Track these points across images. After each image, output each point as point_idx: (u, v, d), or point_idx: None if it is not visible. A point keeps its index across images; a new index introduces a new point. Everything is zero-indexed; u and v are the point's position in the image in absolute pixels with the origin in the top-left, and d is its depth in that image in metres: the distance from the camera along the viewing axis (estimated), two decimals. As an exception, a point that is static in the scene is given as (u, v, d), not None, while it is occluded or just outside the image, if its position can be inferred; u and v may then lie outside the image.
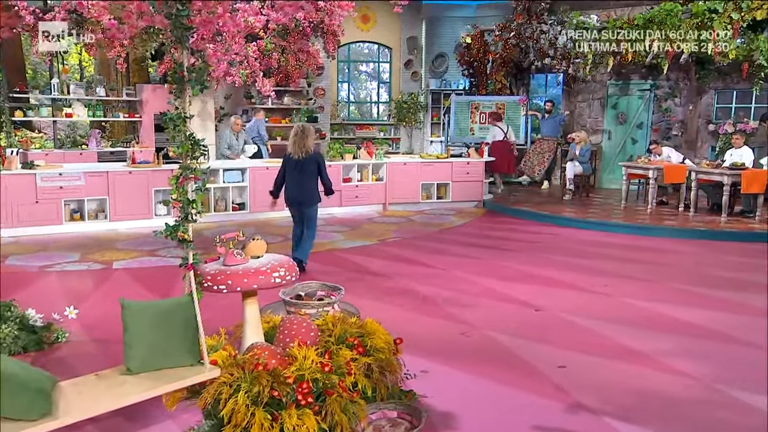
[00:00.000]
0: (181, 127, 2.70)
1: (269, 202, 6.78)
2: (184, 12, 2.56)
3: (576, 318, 5.15)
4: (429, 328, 4.93)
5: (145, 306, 2.78)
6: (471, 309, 5.39)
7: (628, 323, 5.05)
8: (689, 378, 4.04)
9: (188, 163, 2.73)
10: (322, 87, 14.94)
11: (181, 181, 2.73)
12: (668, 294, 5.90)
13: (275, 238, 8.16)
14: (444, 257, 7.36)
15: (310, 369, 3.05)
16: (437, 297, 5.70)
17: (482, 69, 13.57)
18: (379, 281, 6.24)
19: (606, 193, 12.13)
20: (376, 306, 5.37)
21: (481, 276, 6.45)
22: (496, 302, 5.59)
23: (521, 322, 5.08)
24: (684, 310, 5.38)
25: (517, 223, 9.65)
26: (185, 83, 2.69)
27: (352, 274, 6.48)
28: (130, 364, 2.65)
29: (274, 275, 3.30)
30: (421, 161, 10.88)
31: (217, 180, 9.20)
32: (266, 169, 9.55)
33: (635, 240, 8.42)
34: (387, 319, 4.95)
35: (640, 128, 12.53)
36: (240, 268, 3.27)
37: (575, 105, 13.31)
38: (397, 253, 7.57)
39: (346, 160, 10.29)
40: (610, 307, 5.51)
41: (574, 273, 6.59)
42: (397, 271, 6.69)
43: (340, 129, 15.50)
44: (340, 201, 10.18)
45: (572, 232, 8.90)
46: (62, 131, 11.27)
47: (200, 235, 8.25)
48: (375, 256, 7.35)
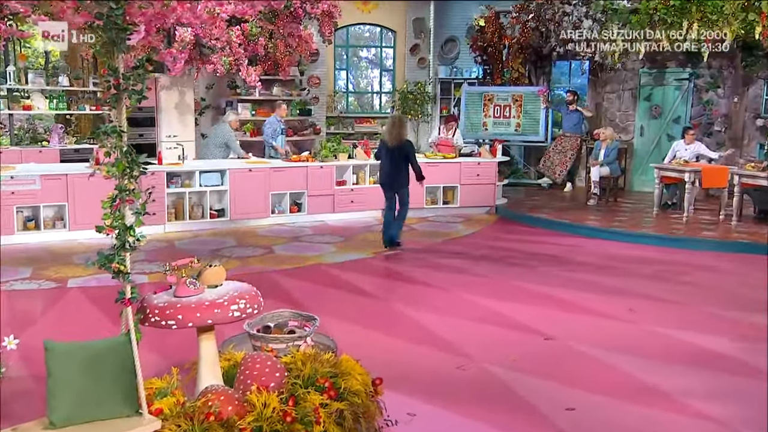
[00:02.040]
0: (117, 142, 2.64)
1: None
2: (119, 11, 2.51)
3: (591, 349, 5.07)
4: (421, 359, 4.87)
5: (73, 348, 2.73)
6: (471, 337, 5.32)
7: (652, 356, 4.96)
8: (715, 423, 3.95)
9: (125, 183, 2.67)
10: (317, 75, 14.91)
11: (116, 205, 2.67)
12: (702, 321, 5.81)
13: (256, 251, 8.12)
14: (446, 274, 7.29)
15: (269, 419, 2.99)
16: (434, 322, 5.63)
17: (497, 55, 13.49)
18: (368, 303, 6.19)
19: (638, 197, 12.02)
20: (362, 333, 5.32)
21: (487, 297, 6.38)
22: (500, 329, 5.52)
23: (527, 353, 5.00)
24: (718, 341, 5.29)
25: (532, 233, 9.58)
26: (121, 91, 2.63)
27: (338, 294, 6.43)
28: (54, 416, 2.60)
29: (232, 308, 3.25)
30: (425, 161, 10.78)
31: (193, 183, 9.17)
32: (249, 171, 9.53)
33: (668, 254, 8.32)
34: (373, 350, 4.94)
35: (677, 123, 12.41)
36: (193, 300, 3.23)
37: (603, 97, 13.20)
38: (393, 268, 7.52)
39: (340, 161, 10.26)
40: (632, 336, 5.42)
41: (593, 294, 6.50)
42: (391, 290, 6.63)
43: (338, 123, 15.46)
44: (333, 207, 10.14)
45: (596, 244, 8.81)
46: (21, 126, 11.25)
47: (172, 247, 8.25)
48: (367, 273, 7.30)
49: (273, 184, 9.67)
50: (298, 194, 10.00)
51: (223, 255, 7.86)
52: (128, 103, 2.64)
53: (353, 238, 9.06)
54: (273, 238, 8.86)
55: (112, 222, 2.69)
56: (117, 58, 2.62)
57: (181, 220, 9.11)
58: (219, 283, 3.42)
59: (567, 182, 12.87)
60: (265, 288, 6.55)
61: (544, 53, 12.81)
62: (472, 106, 13.45)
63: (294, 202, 10.00)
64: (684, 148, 10.52)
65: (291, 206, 9.93)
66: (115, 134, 2.63)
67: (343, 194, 10.21)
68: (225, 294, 3.31)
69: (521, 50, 13.13)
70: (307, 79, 14.71)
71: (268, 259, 7.78)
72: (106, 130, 2.62)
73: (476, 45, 13.73)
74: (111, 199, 2.70)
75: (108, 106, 2.63)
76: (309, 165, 9.95)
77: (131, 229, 2.73)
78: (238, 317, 3.25)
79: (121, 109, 2.66)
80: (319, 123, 14.83)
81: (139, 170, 2.70)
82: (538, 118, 12.98)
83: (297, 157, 10.22)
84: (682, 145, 10.58)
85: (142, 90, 2.67)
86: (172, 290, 3.30)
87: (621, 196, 11.85)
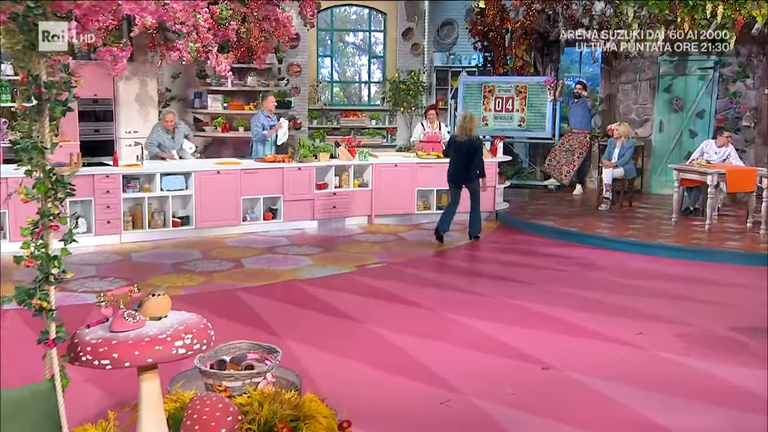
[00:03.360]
0: (39, 160, 2.58)
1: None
2: (38, 11, 2.45)
3: (594, 381, 5.03)
4: (400, 394, 4.82)
5: (-13, 397, 2.67)
6: (460, 366, 5.27)
7: (664, 389, 4.92)
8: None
9: (48, 207, 2.61)
10: (298, 63, 14.87)
11: (38, 231, 2.61)
12: (723, 347, 5.76)
13: (223, 264, 8.07)
14: (436, 291, 7.26)
15: (215, 473, 2.93)
16: (417, 348, 5.58)
17: (499, 41, 13.47)
18: (345, 326, 6.14)
19: (656, 201, 12.00)
20: (335, 363, 5.28)
21: (480, 318, 6.35)
22: (493, 356, 5.49)
23: (522, 385, 4.96)
24: (742, 373, 5.22)
25: (536, 243, 9.56)
26: (43, 102, 2.57)
27: (311, 316, 6.39)
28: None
29: (176, 345, 3.19)
30: (416, 161, 10.79)
31: (153, 187, 9.11)
32: (217, 174, 9.48)
33: (687, 268, 8.30)
34: (345, 382, 4.90)
35: (700, 117, 12.40)
36: (131, 335, 3.17)
37: (617, 88, 13.18)
38: (376, 285, 7.48)
39: (321, 161, 10.21)
40: (642, 364, 5.39)
41: (600, 315, 6.47)
42: (372, 311, 6.58)
43: (321, 116, 15.43)
44: (312, 213, 10.10)
45: (606, 257, 8.79)
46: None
47: (128, 260, 8.19)
48: (347, 290, 7.26)
49: (244, 187, 9.62)
50: (273, 199, 9.95)
51: (186, 269, 7.81)
52: (54, 114, 2.57)
53: (333, 249, 9.02)
54: (243, 250, 8.81)
55: (32, 251, 2.63)
56: (37, 64, 2.56)
57: (139, 229, 9.04)
58: (163, 315, 3.36)
59: (576, 184, 12.85)
60: (229, 308, 6.62)
61: (551, 39, 12.78)
62: (471, 98, 13.41)
63: (268, 208, 9.95)
64: (715, 150, 10.46)
65: (265, 213, 9.87)
66: (37, 151, 2.56)
67: (323, 199, 10.17)
68: (169, 328, 3.25)
69: (526, 35, 13.10)
70: (286, 68, 14.66)
71: (236, 274, 7.73)
72: (26, 146, 2.55)
73: (476, 29, 13.70)
74: (32, 225, 2.63)
75: (28, 118, 2.55)
76: (285, 166, 9.90)
77: (56, 259, 2.67)
78: (182, 355, 3.19)
79: (43, 122, 2.60)
80: (300, 117, 14.78)
81: (64, 192, 2.63)
82: (544, 112, 12.93)
83: (272, 158, 10.17)
84: (713, 146, 10.53)
85: (67, 101, 2.60)
86: (108, 324, 3.24)
87: (637, 200, 11.82)
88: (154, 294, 3.38)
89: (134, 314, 3.25)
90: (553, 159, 12.82)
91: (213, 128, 13.59)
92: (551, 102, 12.82)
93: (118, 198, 8.77)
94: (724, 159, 10.37)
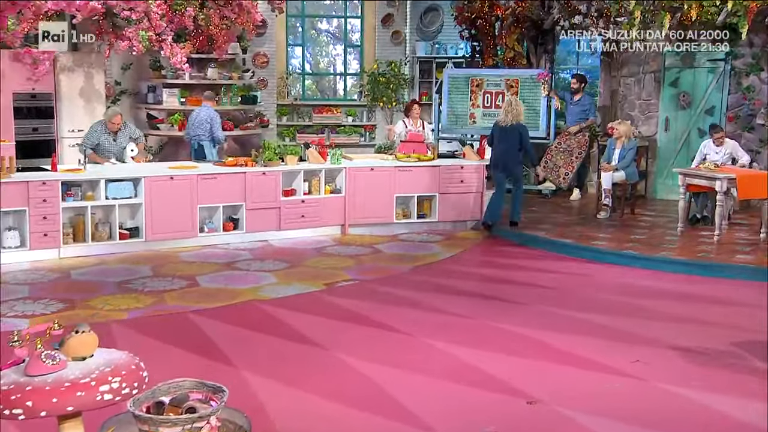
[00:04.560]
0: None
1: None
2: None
3: (584, 417, 4.99)
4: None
5: None
6: (435, 400, 5.23)
7: (659, 425, 4.90)
8: None
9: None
10: (265, 53, 14.84)
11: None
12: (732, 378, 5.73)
13: (175, 283, 8.00)
14: (412, 312, 7.23)
15: None
16: (389, 379, 5.54)
17: (488, 29, 13.50)
18: (310, 354, 6.09)
19: (661, 207, 12.03)
20: (295, 396, 5.23)
21: (461, 345, 6.31)
22: (473, 389, 5.45)
23: (505, 422, 4.93)
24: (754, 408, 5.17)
25: (527, 257, 9.55)
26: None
27: (271, 343, 6.34)
28: None
29: (101, 390, 3.14)
30: (395, 165, 10.75)
31: (97, 195, 9.01)
32: (170, 180, 9.39)
33: (693, 284, 8.30)
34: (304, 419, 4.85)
35: (710, 114, 12.44)
36: (49, 380, 3.10)
37: (619, 81, 13.22)
38: (346, 306, 7.43)
39: (288, 164, 10.15)
40: (637, 397, 5.36)
41: (594, 339, 6.46)
42: (340, 336, 6.54)
43: (291, 112, 15.42)
44: (279, 223, 10.04)
45: (604, 272, 8.79)
46: None
47: (67, 278, 8.09)
48: (314, 312, 7.21)
49: (201, 195, 9.53)
50: (234, 208, 9.88)
51: (132, 288, 7.73)
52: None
53: (301, 264, 8.97)
54: (199, 266, 8.74)
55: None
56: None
57: (81, 242, 8.93)
58: (88, 355, 3.30)
59: (574, 188, 12.86)
60: (179, 334, 6.55)
61: (545, 27, 12.79)
62: (456, 93, 13.41)
63: (229, 218, 9.87)
64: (714, 150, 10.52)
65: (225, 223, 9.80)
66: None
67: (291, 207, 10.11)
68: (94, 370, 3.19)
69: (517, 23, 13.13)
70: (251, 58, 14.63)
71: (190, 293, 7.66)
72: None
73: (462, 16, 13.72)
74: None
75: None
76: (248, 170, 9.84)
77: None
78: (108, 401, 3.13)
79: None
80: (267, 113, 14.74)
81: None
82: (538, 109, 12.93)
83: (233, 161, 10.09)
84: (712, 146, 10.59)
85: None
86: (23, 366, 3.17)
87: (640, 207, 11.84)
88: (77, 331, 3.32)
89: (54, 355, 3.19)
90: (549, 161, 12.82)
91: (169, 126, 13.52)
92: (545, 98, 12.83)
93: (56, 207, 8.64)
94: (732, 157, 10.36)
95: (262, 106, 14.65)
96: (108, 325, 6.49)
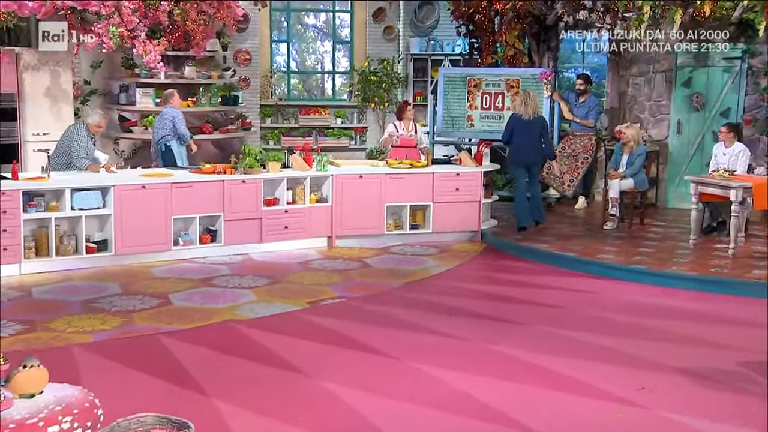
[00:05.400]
0: None
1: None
2: None
3: (583, 451, 4.98)
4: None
5: None
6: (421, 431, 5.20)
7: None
8: None
9: None
10: (247, 50, 14.87)
11: None
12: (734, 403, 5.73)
13: (146, 301, 7.99)
14: (403, 334, 7.20)
15: None
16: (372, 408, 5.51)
17: (487, 25, 13.51)
18: (289, 381, 6.06)
19: (673, 217, 12.06)
20: (268, 428, 5.20)
21: (453, 369, 6.29)
22: (465, 419, 5.42)
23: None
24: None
25: (527, 271, 9.56)
26: None
27: (247, 368, 6.30)
28: None
29: (50, 430, 3.11)
30: (386, 172, 10.76)
31: (62, 206, 8.99)
32: (142, 189, 9.38)
33: (705, 302, 8.31)
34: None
35: (725, 117, 12.46)
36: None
37: (627, 81, 13.25)
38: (331, 326, 7.41)
39: (271, 172, 10.15)
40: (641, 427, 5.34)
41: (596, 363, 6.44)
42: (323, 360, 6.51)
43: (276, 113, 15.44)
44: (260, 235, 10.05)
45: (610, 288, 8.80)
46: None
47: (28, 297, 8.06)
48: (295, 334, 7.19)
49: (176, 205, 9.53)
50: (212, 218, 9.89)
51: (99, 308, 7.70)
52: None
53: (283, 280, 8.96)
54: (173, 282, 8.72)
55: None
56: None
57: (44, 256, 8.91)
58: (37, 392, 3.28)
59: (580, 196, 12.87)
60: (148, 359, 6.54)
61: (548, 23, 12.81)
62: (453, 93, 13.42)
63: (206, 230, 9.88)
64: (723, 151, 10.55)
65: (201, 235, 9.80)
66: None
67: (273, 218, 10.12)
68: (43, 409, 3.17)
69: (518, 19, 13.14)
70: (232, 55, 14.65)
71: (161, 313, 7.64)
72: None
73: (459, 11, 13.74)
74: None
75: None
76: (227, 178, 9.84)
77: None
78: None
79: None
80: (249, 114, 14.75)
81: None
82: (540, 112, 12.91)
83: (210, 168, 10.08)
84: (721, 148, 10.62)
85: None
86: (-34, 403, 3.15)
87: (650, 216, 11.88)
88: (25, 365, 3.30)
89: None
90: (554, 167, 12.81)
91: (142, 129, 13.50)
92: (548, 99, 12.84)
93: (17, 219, 8.61)
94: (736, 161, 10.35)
95: (244, 107, 14.66)
96: (70, 350, 6.48)
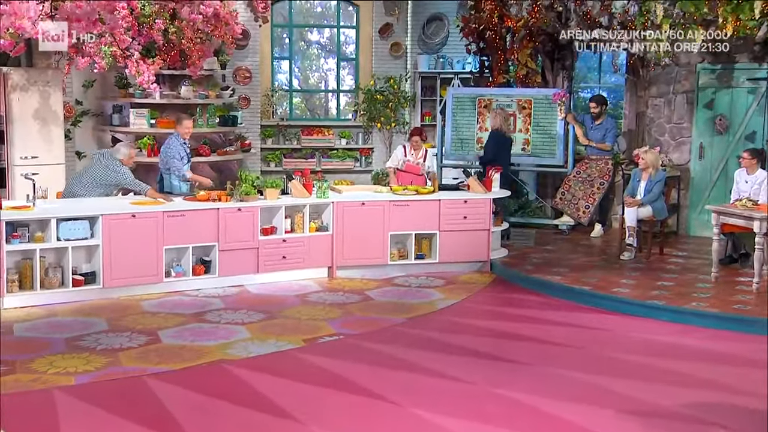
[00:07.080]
0: None
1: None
2: None
3: None
4: None
5: None
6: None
7: None
8: None
9: None
10: (247, 67, 14.90)
11: None
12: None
13: (133, 339, 7.97)
14: (404, 376, 7.15)
15: None
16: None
17: (498, 43, 13.52)
18: (279, 429, 6.02)
19: (694, 246, 11.99)
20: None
21: (454, 416, 6.24)
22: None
23: None
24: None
25: (538, 305, 9.53)
26: None
27: (238, 414, 6.24)
28: None
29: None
30: (389, 198, 10.73)
31: (48, 236, 8.97)
32: (131, 218, 9.36)
33: (724, 341, 8.23)
34: None
35: (750, 140, 12.40)
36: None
37: (646, 102, 13.21)
38: (328, 367, 7.37)
39: (268, 199, 10.15)
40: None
41: (603, 410, 6.38)
42: (318, 406, 6.47)
43: (277, 134, 15.45)
44: (257, 266, 10.03)
45: (624, 325, 8.74)
46: None
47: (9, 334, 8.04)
48: (290, 376, 7.14)
49: (168, 234, 9.51)
50: (206, 248, 9.88)
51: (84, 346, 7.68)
52: None
53: (280, 314, 8.93)
54: (163, 317, 8.70)
55: None
56: None
57: (28, 290, 8.89)
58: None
59: (596, 223, 12.81)
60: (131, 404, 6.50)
61: (562, 41, 12.79)
62: (462, 114, 13.42)
63: (199, 260, 9.85)
64: (745, 179, 10.49)
65: (195, 266, 9.77)
66: None
67: (271, 247, 10.10)
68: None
69: (531, 36, 13.13)
70: (232, 73, 14.68)
71: (149, 352, 7.60)
72: None
73: (469, 28, 13.75)
74: None
75: None
76: (222, 206, 9.82)
77: None
78: None
79: None
80: (249, 135, 14.76)
81: None
82: (554, 134, 12.93)
83: (205, 195, 10.06)
84: (743, 175, 10.56)
85: None
86: None
87: (670, 246, 11.82)
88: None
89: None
90: (567, 192, 12.78)
91: (137, 151, 13.47)
92: (562, 121, 12.81)
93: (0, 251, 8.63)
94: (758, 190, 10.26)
95: (244, 127, 14.67)
96: (50, 393, 6.45)
